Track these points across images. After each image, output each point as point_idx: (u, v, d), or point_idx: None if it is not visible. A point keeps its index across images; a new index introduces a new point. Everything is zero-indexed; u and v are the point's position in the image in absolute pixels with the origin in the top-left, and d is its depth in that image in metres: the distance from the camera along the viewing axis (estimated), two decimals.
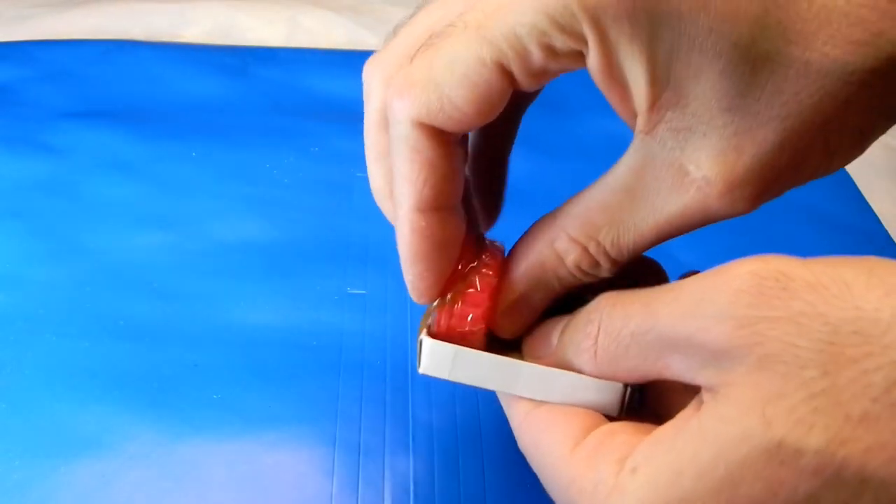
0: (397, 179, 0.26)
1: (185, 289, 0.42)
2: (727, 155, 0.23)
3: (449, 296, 0.28)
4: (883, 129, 0.24)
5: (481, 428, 0.37)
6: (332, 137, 0.52)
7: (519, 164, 0.45)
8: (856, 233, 0.50)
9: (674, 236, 0.25)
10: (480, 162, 0.32)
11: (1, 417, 0.36)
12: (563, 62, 0.24)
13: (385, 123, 0.27)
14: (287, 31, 0.64)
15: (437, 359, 0.28)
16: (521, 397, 0.27)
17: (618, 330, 0.24)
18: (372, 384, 0.38)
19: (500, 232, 0.31)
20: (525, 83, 0.24)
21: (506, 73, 0.24)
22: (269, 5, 0.66)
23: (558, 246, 0.27)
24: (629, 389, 0.26)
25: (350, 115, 0.54)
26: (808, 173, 0.24)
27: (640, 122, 0.24)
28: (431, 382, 0.38)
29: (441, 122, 0.25)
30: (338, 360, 0.39)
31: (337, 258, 0.45)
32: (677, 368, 0.23)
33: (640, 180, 0.25)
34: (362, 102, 0.29)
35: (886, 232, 0.50)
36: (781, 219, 0.50)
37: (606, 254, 0.26)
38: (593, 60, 0.23)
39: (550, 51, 0.23)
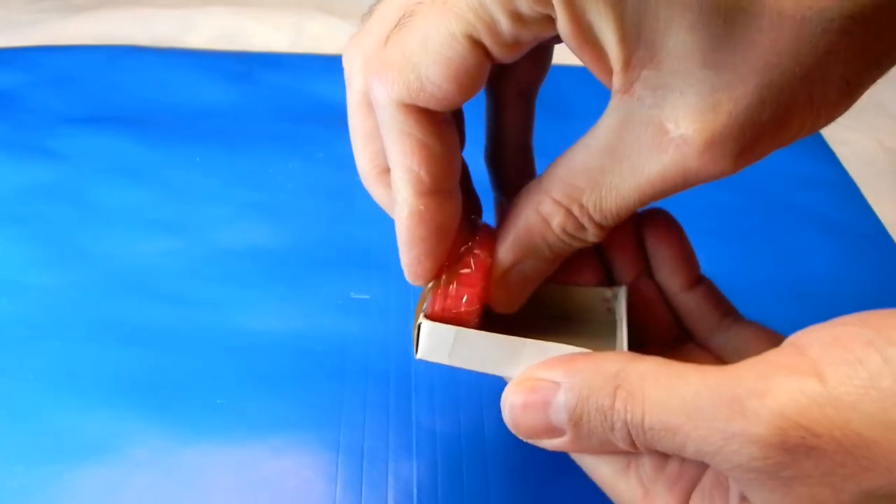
0: (393, 165, 0.26)
1: (190, 294, 0.42)
2: (705, 112, 0.22)
3: (443, 277, 0.28)
4: (872, 79, 0.23)
5: (484, 433, 0.37)
6: (337, 143, 0.52)
7: None
8: (859, 237, 0.50)
9: (657, 199, 0.25)
10: (504, 154, 0.31)
11: (5, 423, 0.36)
12: (534, 29, 0.23)
13: (368, 105, 0.27)
14: (292, 36, 0.64)
15: (437, 341, 0.27)
16: None
17: (648, 441, 0.23)
18: (375, 389, 0.39)
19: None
20: (500, 54, 0.24)
21: (478, 45, 0.23)
22: (274, 11, 0.66)
23: (543, 209, 0.26)
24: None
25: None
26: (793, 130, 0.23)
27: (617, 81, 0.23)
28: (435, 387, 0.38)
29: (424, 101, 0.24)
30: (342, 366, 0.39)
31: (340, 263, 0.45)
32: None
33: (621, 140, 0.24)
34: None
35: (890, 236, 0.50)
36: (785, 223, 0.50)
37: (590, 217, 0.26)
38: (562, 24, 0.22)
39: (518, 18, 0.23)
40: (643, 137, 0.23)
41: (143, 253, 0.44)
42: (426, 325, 0.27)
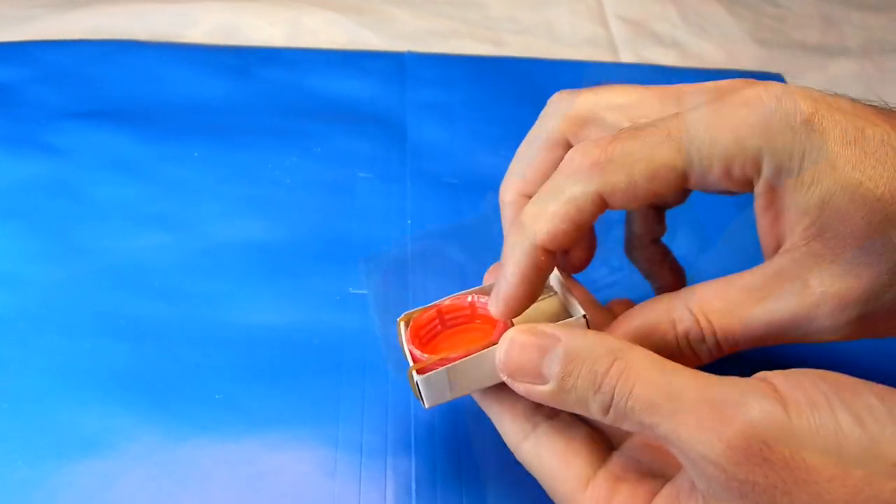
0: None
1: (187, 289, 0.42)
2: (847, 279, 0.28)
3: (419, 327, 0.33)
4: None
5: (484, 428, 0.37)
6: (334, 138, 0.52)
7: (512, 158, 0.45)
8: None
9: (777, 340, 0.29)
10: (638, 245, 0.39)
11: (3, 417, 0.36)
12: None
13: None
14: (289, 31, 0.64)
15: (435, 386, 0.30)
16: (514, 420, 0.30)
17: (625, 411, 0.26)
18: (374, 384, 0.39)
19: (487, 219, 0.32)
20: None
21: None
22: (271, 6, 0.66)
23: (675, 313, 0.30)
24: None
25: (351, 115, 0.54)
26: None
27: (790, 244, 0.29)
28: None
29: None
30: (339, 361, 0.39)
31: (339, 258, 0.45)
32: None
33: (765, 285, 0.29)
34: (364, 102, 0.29)
35: None
36: None
37: (714, 333, 0.29)
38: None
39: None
40: (789, 288, 0.29)
41: (140, 247, 0.44)
42: (419, 379, 0.30)
